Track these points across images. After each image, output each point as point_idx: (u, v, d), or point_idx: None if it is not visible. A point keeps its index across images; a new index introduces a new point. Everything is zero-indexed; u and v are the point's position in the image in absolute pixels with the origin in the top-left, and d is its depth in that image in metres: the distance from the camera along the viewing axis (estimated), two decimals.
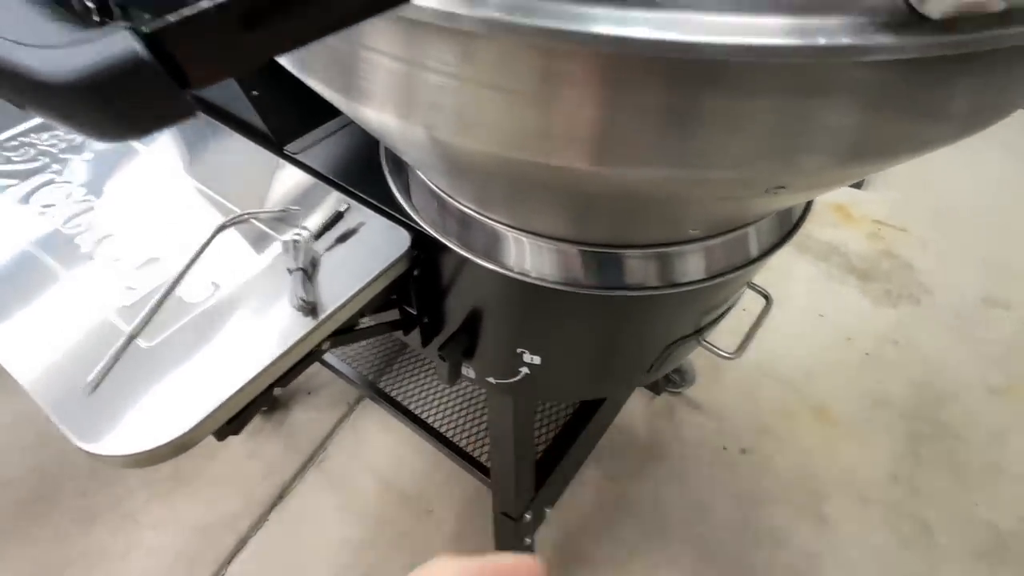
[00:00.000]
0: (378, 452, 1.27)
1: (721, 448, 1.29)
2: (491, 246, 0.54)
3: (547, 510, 0.97)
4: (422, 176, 0.57)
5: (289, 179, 0.61)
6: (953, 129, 0.31)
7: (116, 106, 0.17)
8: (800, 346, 1.46)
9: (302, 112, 0.66)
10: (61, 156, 0.63)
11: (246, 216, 0.56)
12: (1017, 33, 0.24)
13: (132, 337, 0.47)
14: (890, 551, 1.15)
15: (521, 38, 0.26)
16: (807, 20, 0.24)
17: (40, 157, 0.62)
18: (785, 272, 1.61)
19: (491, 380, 0.68)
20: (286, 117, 0.64)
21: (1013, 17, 0.24)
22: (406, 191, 0.59)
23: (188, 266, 0.52)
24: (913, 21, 0.24)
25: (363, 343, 1.23)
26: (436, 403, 1.11)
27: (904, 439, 1.30)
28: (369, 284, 0.52)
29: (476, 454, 1.01)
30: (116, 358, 0.46)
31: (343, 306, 0.50)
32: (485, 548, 1.12)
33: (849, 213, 1.79)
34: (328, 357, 1.18)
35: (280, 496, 1.20)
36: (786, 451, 1.28)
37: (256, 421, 1.30)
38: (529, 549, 0.97)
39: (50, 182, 0.60)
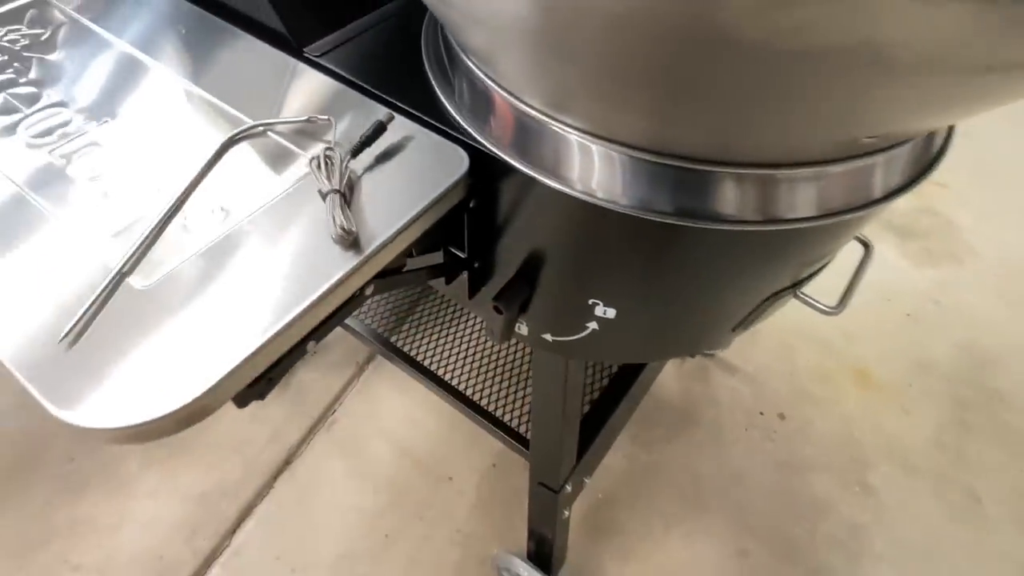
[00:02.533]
0: (391, 415, 1.17)
1: (758, 413, 1.21)
2: (563, 162, 0.43)
3: (585, 480, 0.89)
4: (482, 77, 0.45)
5: (313, 86, 0.49)
6: None
7: None
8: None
9: (324, 9, 0.53)
10: (25, 55, 0.50)
11: (261, 127, 0.44)
12: None
13: (122, 275, 0.36)
14: (937, 520, 1.09)
15: None
16: None
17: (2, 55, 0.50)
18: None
19: (547, 337, 0.58)
20: (305, 15, 0.52)
21: None
22: (458, 101, 0.48)
23: (191, 187, 0.40)
24: None
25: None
26: (458, 361, 1.01)
27: (949, 404, 1.23)
28: (422, 213, 0.41)
29: (506, 418, 0.92)
30: (102, 302, 0.35)
31: (392, 238, 0.39)
32: (511, 519, 1.04)
33: None
34: None
35: (286, 462, 1.11)
36: (826, 416, 1.21)
37: None
38: (565, 523, 0.89)
39: (14, 83, 0.48)
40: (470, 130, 0.46)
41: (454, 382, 0.98)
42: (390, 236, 0.39)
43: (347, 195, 0.40)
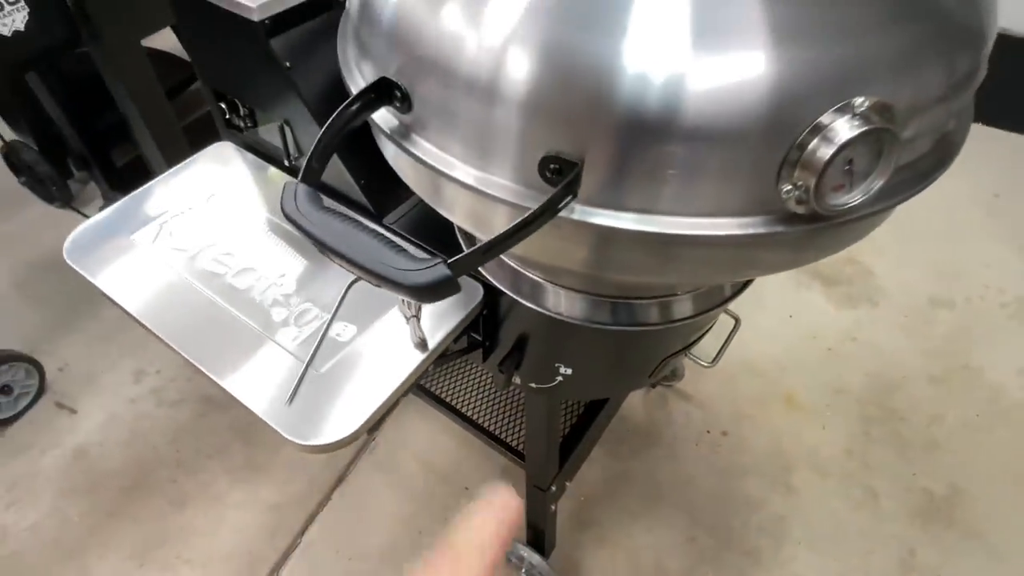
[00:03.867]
0: (419, 440, 1.51)
1: (705, 431, 1.54)
2: (537, 294, 0.77)
3: (567, 484, 1.21)
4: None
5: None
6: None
7: (436, 295, 0.40)
8: (773, 343, 1.71)
9: (393, 192, 0.88)
10: (219, 230, 0.85)
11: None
12: (844, 221, 0.48)
13: (308, 366, 0.70)
14: (843, 512, 1.41)
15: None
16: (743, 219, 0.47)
17: (203, 229, 0.85)
18: (761, 281, 1.85)
19: (533, 385, 0.92)
20: (384, 197, 0.87)
21: (838, 215, 0.47)
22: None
23: (334, 314, 0.75)
24: (795, 218, 0.47)
25: None
26: (471, 396, 1.34)
27: (858, 421, 1.56)
28: (459, 324, 0.75)
29: (508, 439, 1.25)
30: (301, 381, 0.69)
31: (443, 341, 0.73)
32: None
33: None
34: None
35: (339, 480, 1.44)
36: (760, 433, 1.54)
37: None
38: (553, 516, 1.21)
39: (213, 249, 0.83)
40: (486, 274, 0.80)
41: (468, 412, 1.32)
42: (442, 339, 0.73)
43: (419, 316, 0.74)
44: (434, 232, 0.85)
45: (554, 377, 0.88)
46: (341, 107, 0.51)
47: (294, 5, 0.76)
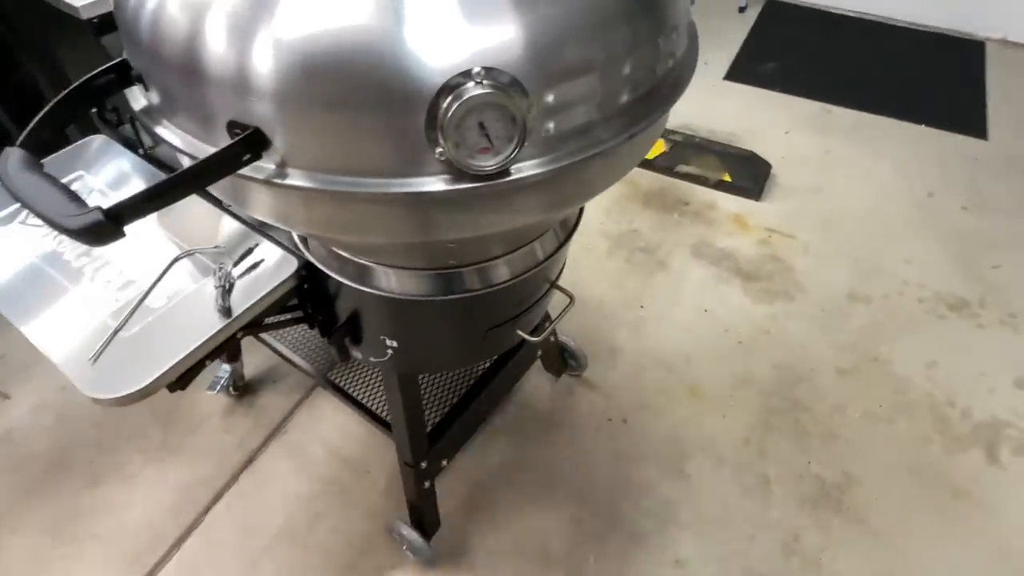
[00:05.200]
0: (330, 427, 1.57)
1: (607, 419, 1.58)
2: (358, 273, 0.84)
3: (444, 462, 1.26)
4: None
5: (222, 224, 0.91)
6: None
7: (94, 238, 0.47)
8: (684, 337, 1.75)
9: None
10: None
11: (193, 251, 0.86)
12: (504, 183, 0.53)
13: (117, 331, 0.77)
14: (732, 498, 1.44)
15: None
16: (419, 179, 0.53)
17: None
18: (680, 275, 1.90)
19: (371, 359, 0.98)
20: None
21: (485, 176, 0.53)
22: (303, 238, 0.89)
23: (152, 286, 0.82)
24: (464, 176, 0.53)
25: (318, 342, 1.52)
26: (376, 387, 1.40)
27: (760, 412, 1.59)
28: (267, 294, 0.82)
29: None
30: (107, 343, 0.76)
31: (247, 310, 0.80)
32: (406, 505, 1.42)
33: (745, 222, 2.08)
34: (288, 352, 1.46)
35: (248, 462, 1.51)
36: (660, 422, 1.57)
37: (230, 403, 1.61)
38: (430, 492, 1.26)
39: None
40: (306, 253, 0.86)
41: (366, 402, 1.37)
42: (245, 309, 0.80)
43: (227, 286, 0.81)
44: None
45: (384, 350, 0.94)
46: (79, 82, 0.58)
47: None
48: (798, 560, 1.34)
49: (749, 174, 2.19)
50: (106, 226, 0.47)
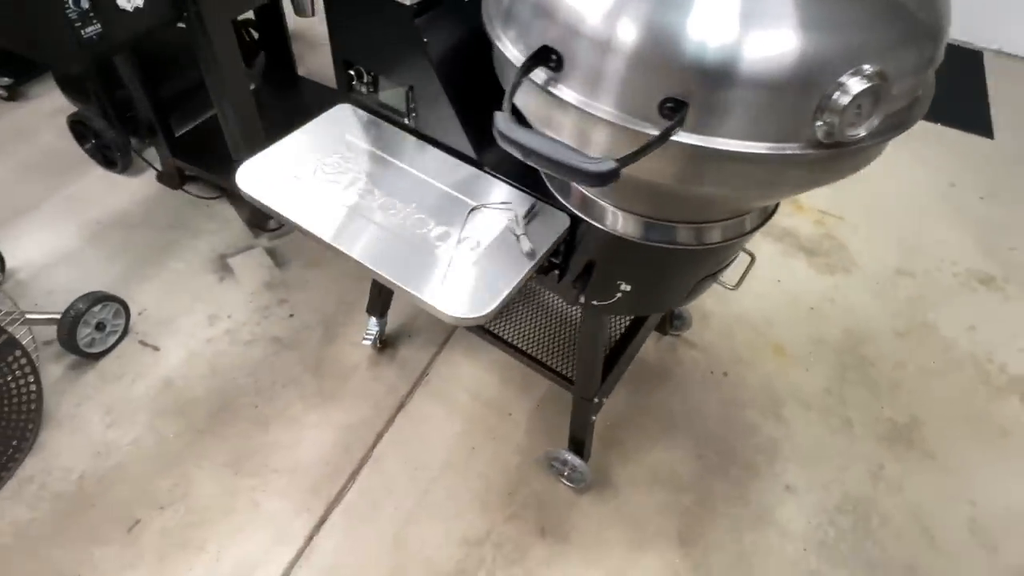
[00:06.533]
0: (467, 375, 1.74)
1: (709, 372, 1.81)
2: (609, 219, 1.02)
3: (604, 400, 1.46)
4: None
5: (493, 186, 1.08)
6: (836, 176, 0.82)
7: (603, 181, 0.65)
8: (763, 304, 1.99)
9: (488, 145, 1.12)
10: (360, 170, 1.08)
11: (481, 206, 1.03)
12: (852, 149, 0.74)
13: (450, 262, 0.94)
14: (824, 436, 1.69)
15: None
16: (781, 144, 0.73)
17: (348, 170, 1.08)
18: (753, 249, 2.13)
19: (595, 302, 1.17)
20: (484, 149, 1.11)
21: (851, 143, 0.73)
22: (561, 190, 1.07)
23: (464, 231, 0.99)
24: (820, 145, 0.73)
25: None
26: (525, 335, 1.58)
27: (835, 366, 1.85)
28: (555, 241, 1.00)
29: (554, 364, 1.49)
30: (448, 273, 0.93)
31: (545, 253, 0.98)
32: (552, 438, 1.61)
33: (800, 205, 2.33)
34: None
35: (400, 406, 1.67)
36: (754, 373, 1.81)
37: (374, 355, 1.76)
38: (592, 426, 1.46)
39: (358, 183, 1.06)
40: (568, 205, 1.04)
41: (523, 347, 1.55)
42: (545, 252, 0.98)
43: (527, 234, 0.98)
44: (523, 175, 1.09)
45: (614, 294, 1.13)
46: (521, 67, 0.75)
47: None
48: (884, 485, 1.60)
49: None
50: (616, 172, 0.65)
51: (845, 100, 0.68)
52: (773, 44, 0.67)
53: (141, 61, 1.88)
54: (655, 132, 0.71)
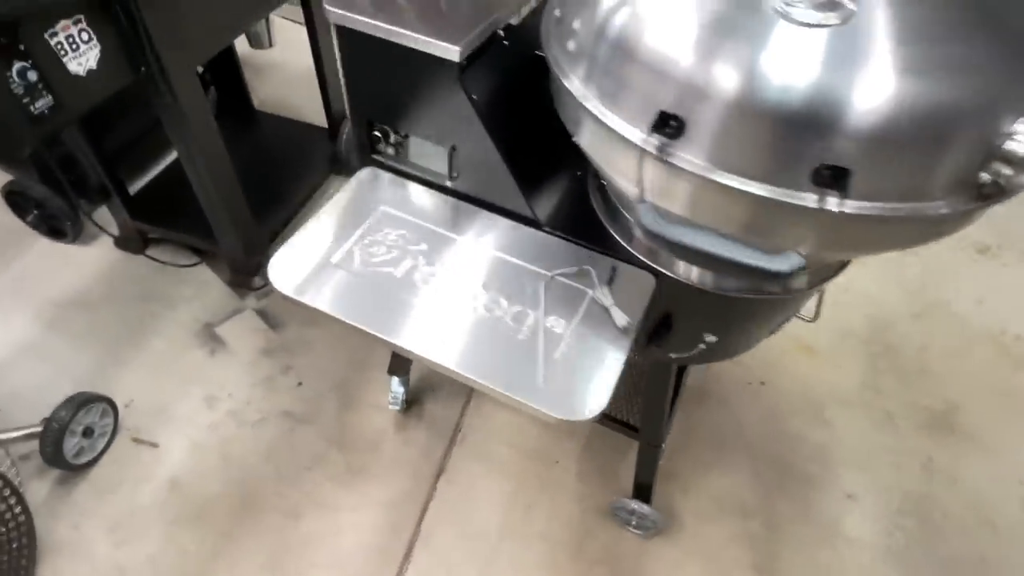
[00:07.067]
0: (501, 424, 1.63)
1: (746, 383, 1.76)
2: (690, 272, 0.93)
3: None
4: (645, 225, 0.94)
5: (558, 246, 0.97)
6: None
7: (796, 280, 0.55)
8: None
9: (544, 204, 1.01)
10: (408, 248, 0.95)
11: (556, 275, 0.92)
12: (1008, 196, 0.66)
13: (547, 356, 0.82)
14: (869, 434, 1.67)
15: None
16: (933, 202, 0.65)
17: (394, 249, 0.94)
18: None
19: (671, 355, 1.08)
20: (540, 208, 0.99)
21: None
22: (634, 246, 0.96)
23: (544, 310, 0.87)
24: (983, 197, 0.65)
25: None
26: None
27: (864, 357, 1.83)
28: (648, 307, 0.90)
29: (617, 416, 1.40)
30: (545, 366, 0.81)
31: (640, 323, 0.88)
32: (604, 486, 1.53)
33: None
34: None
35: (440, 471, 1.54)
36: (790, 378, 1.77)
37: (399, 417, 1.62)
38: (657, 469, 1.38)
39: (416, 266, 0.92)
40: (646, 260, 0.94)
41: None
42: (639, 321, 0.88)
43: (616, 306, 0.88)
44: (577, 230, 0.98)
45: (696, 346, 1.04)
46: (645, 140, 0.64)
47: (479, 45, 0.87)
48: (939, 477, 1.60)
49: None
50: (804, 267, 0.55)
51: (1022, 149, 0.61)
52: (939, 96, 0.59)
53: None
54: (811, 203, 0.62)
